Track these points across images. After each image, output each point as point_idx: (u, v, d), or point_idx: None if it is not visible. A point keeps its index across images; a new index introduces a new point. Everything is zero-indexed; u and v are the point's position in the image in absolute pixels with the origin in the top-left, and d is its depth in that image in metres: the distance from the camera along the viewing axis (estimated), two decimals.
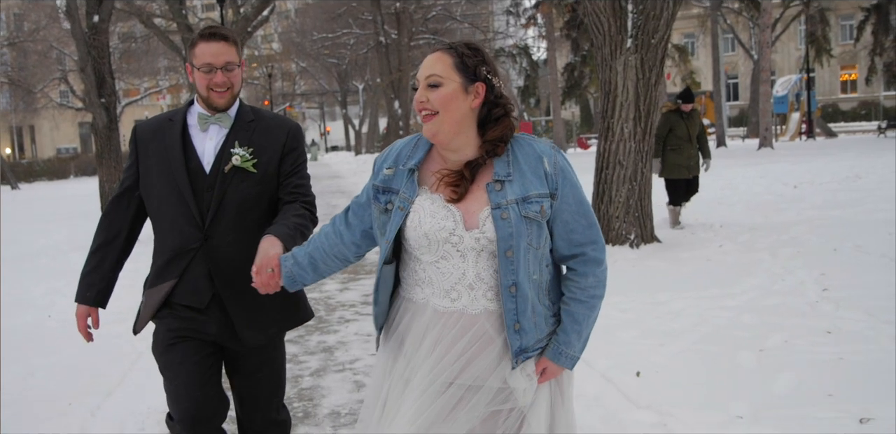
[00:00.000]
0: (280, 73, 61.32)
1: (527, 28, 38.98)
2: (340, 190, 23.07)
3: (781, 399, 4.24)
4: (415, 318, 2.34)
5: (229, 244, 2.90)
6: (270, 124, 3.04)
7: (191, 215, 2.89)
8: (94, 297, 3.01)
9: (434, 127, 2.26)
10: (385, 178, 2.36)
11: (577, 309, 2.35)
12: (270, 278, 2.47)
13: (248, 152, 2.91)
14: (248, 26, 26.05)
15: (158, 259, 3.00)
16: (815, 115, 36.59)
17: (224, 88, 2.91)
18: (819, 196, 12.88)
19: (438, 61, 2.27)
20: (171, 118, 3.02)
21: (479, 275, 2.28)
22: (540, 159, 2.30)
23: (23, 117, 53.61)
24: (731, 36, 39.89)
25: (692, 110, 10.53)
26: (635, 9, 8.41)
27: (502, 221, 2.23)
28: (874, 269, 7.15)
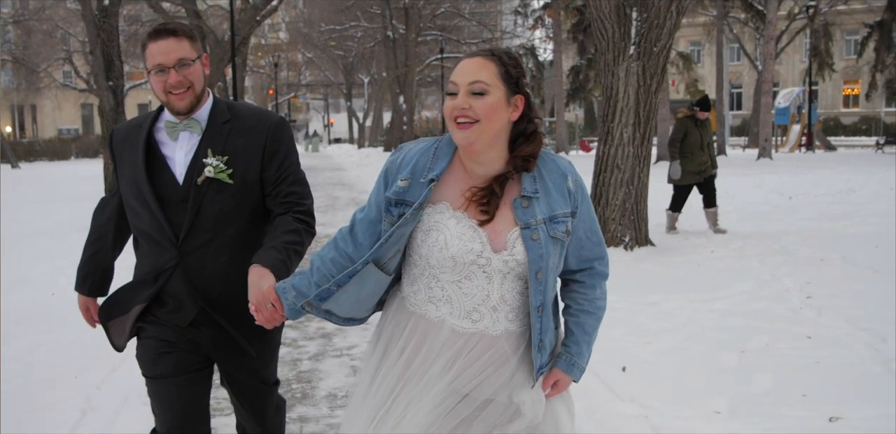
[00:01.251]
0: (286, 63, 61.44)
1: (534, 29, 39.14)
2: (342, 182, 23.29)
3: (758, 397, 4.46)
4: (428, 337, 2.24)
5: (208, 261, 2.69)
6: (247, 124, 2.74)
7: (163, 231, 2.67)
8: (89, 288, 2.92)
9: (472, 135, 2.14)
10: (399, 191, 2.22)
11: (586, 320, 2.34)
12: (273, 313, 2.36)
13: (223, 161, 2.65)
14: (257, 15, 26.25)
15: (137, 273, 2.82)
16: (816, 127, 36.82)
17: (182, 89, 2.63)
18: (812, 208, 13.09)
19: (483, 68, 2.16)
20: (139, 124, 2.78)
21: (503, 297, 2.21)
22: (564, 177, 2.25)
23: (25, 96, 53.72)
24: (737, 45, 40.07)
25: (706, 119, 10.64)
26: (639, 17, 8.62)
27: (533, 243, 2.16)
28: (858, 279, 7.37)
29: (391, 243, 2.22)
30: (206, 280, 2.69)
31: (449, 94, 2.19)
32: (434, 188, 2.20)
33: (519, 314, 2.24)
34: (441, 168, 2.22)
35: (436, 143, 2.28)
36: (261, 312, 2.37)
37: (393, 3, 38.16)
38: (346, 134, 72.11)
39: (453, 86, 2.17)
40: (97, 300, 2.94)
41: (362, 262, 2.23)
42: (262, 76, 61.32)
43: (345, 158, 38.80)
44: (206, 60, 2.71)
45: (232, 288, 2.65)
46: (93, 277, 2.92)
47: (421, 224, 2.21)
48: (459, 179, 2.23)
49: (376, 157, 34.55)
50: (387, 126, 48.09)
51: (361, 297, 2.30)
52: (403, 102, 38.71)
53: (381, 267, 2.25)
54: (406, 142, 2.44)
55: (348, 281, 2.25)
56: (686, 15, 32.76)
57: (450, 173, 2.24)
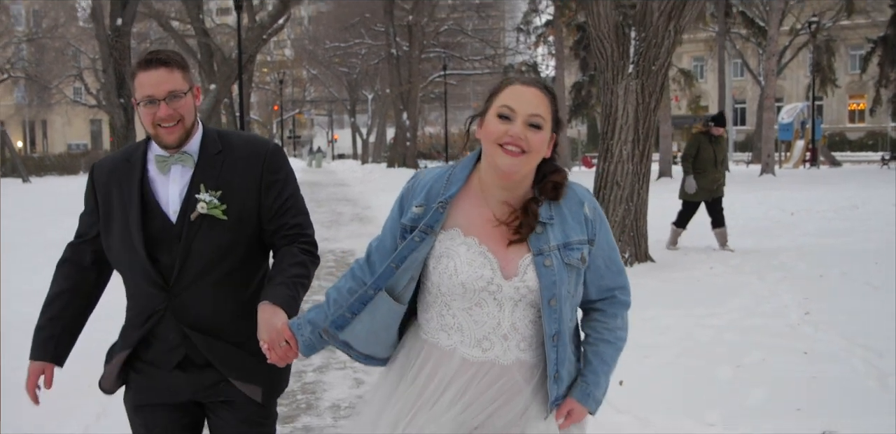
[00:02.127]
0: (291, 79, 61.86)
1: (536, 46, 39.40)
2: (346, 198, 23.40)
3: (752, 410, 4.55)
4: (440, 366, 2.21)
5: (199, 300, 2.54)
6: (241, 154, 2.60)
7: (150, 275, 2.51)
8: (52, 350, 2.62)
9: (519, 165, 2.13)
10: (414, 217, 2.22)
11: (606, 350, 2.29)
12: (287, 351, 2.31)
13: (216, 196, 2.51)
14: (264, 34, 26.53)
15: (127, 317, 2.66)
16: (820, 143, 36.92)
17: (172, 122, 2.50)
18: (813, 224, 13.17)
19: (542, 102, 2.16)
20: (128, 159, 2.62)
21: (514, 325, 2.18)
22: (581, 204, 2.24)
23: (36, 112, 54.23)
24: (740, 61, 40.26)
25: (720, 136, 10.54)
26: (638, 36, 8.78)
27: (545, 269, 2.14)
28: (856, 295, 7.45)
29: (403, 269, 2.20)
30: (194, 321, 2.53)
31: (501, 117, 2.14)
32: (447, 214, 2.20)
33: (532, 344, 2.20)
34: (452, 192, 2.20)
35: (450, 169, 2.27)
36: (274, 350, 2.30)
37: (397, 21, 38.46)
38: (349, 150, 72.39)
39: (510, 111, 2.13)
40: (54, 368, 2.66)
41: (374, 288, 2.21)
42: (266, 92, 61.73)
43: (348, 174, 38.98)
44: (198, 92, 2.60)
45: (223, 325, 2.54)
46: (55, 341, 2.63)
47: (434, 250, 2.20)
48: (473, 205, 2.22)
49: (380, 173, 34.71)
50: (390, 142, 48.32)
51: (375, 328, 2.26)
52: (407, 119, 38.91)
53: (394, 296, 2.22)
54: (420, 170, 2.43)
55: (362, 308, 2.22)
56: (688, 31, 32.99)
57: (463, 199, 2.22)
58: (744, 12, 31.82)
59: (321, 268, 10.26)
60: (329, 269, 10.29)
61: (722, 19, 30.24)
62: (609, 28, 8.76)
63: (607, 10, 8.76)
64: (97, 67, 40.25)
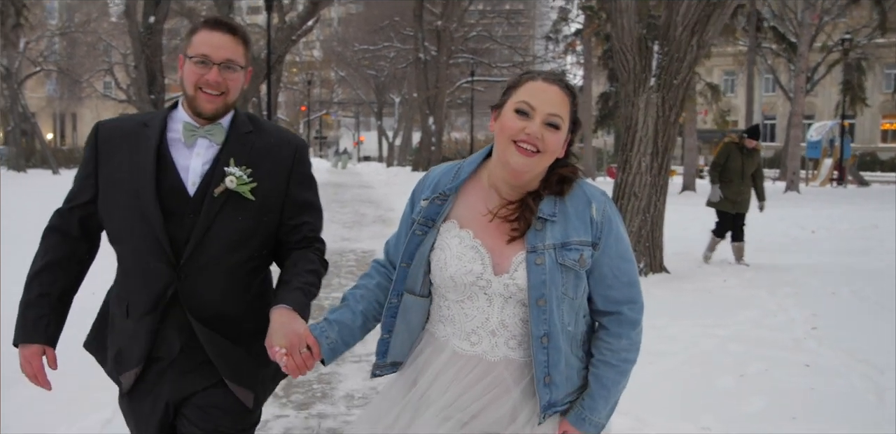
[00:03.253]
0: (319, 80, 62.34)
1: (565, 55, 39.53)
2: (370, 200, 23.67)
3: (749, 417, 4.68)
4: (434, 355, 2.20)
5: (207, 287, 2.35)
6: (273, 140, 2.46)
7: (160, 249, 2.30)
8: (44, 331, 2.38)
9: (532, 165, 2.08)
10: (421, 211, 2.20)
11: (605, 373, 2.17)
12: (307, 359, 2.13)
13: (247, 173, 2.35)
14: (293, 35, 26.82)
15: (118, 307, 2.42)
16: (849, 162, 36.70)
17: (217, 91, 2.34)
18: (832, 242, 13.20)
19: (562, 102, 2.10)
20: (146, 123, 2.41)
21: (503, 322, 2.13)
22: (588, 204, 2.14)
23: (67, 105, 55.02)
24: (772, 76, 40.11)
25: (754, 149, 10.43)
26: (661, 50, 8.92)
27: (536, 267, 2.07)
28: (865, 313, 7.54)
29: (415, 265, 2.18)
30: (203, 307, 2.35)
31: (518, 113, 2.08)
32: (453, 206, 2.17)
33: (522, 343, 2.14)
34: (455, 185, 2.17)
35: (458, 165, 2.24)
36: (293, 357, 2.10)
37: (426, 25, 38.73)
38: (375, 152, 72.80)
39: (528, 108, 2.07)
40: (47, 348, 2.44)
41: (396, 295, 2.20)
42: (294, 93, 62.24)
43: (373, 176, 39.26)
44: (249, 75, 2.45)
45: (224, 321, 2.38)
46: (47, 319, 2.40)
47: (435, 243, 2.17)
48: (478, 198, 2.17)
49: (404, 177, 34.94)
50: (416, 146, 48.59)
51: (410, 328, 2.23)
52: (433, 123, 39.15)
53: (417, 294, 2.20)
54: (435, 165, 2.37)
55: (394, 322, 2.21)
56: (718, 45, 32.83)
57: (470, 191, 2.19)
58: (775, 27, 31.77)
59: (341, 266, 10.52)
60: (349, 268, 10.49)
61: (753, 34, 30.22)
62: (632, 41, 8.91)
63: (631, 23, 8.92)
64: (128, 63, 40.96)
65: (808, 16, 26.67)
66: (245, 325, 2.40)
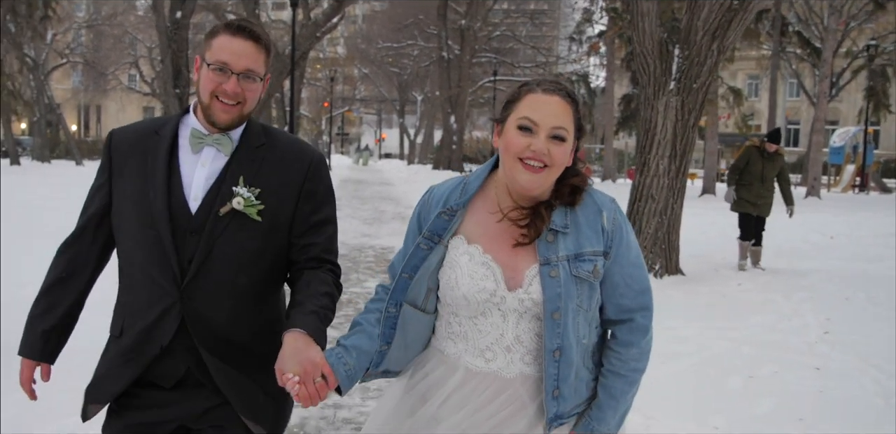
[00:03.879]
0: (342, 77, 62.60)
1: (588, 56, 39.56)
2: (390, 197, 23.86)
3: (757, 418, 4.76)
4: (446, 373, 2.14)
5: (213, 310, 2.23)
6: (286, 154, 2.32)
7: (167, 267, 2.20)
8: (42, 349, 2.33)
9: (541, 180, 2.04)
10: (429, 225, 2.15)
11: (615, 383, 2.13)
12: (321, 388, 2.00)
13: (255, 194, 2.22)
14: (318, 31, 27.01)
15: (120, 320, 2.31)
16: (871, 169, 36.49)
17: (234, 101, 2.22)
18: (850, 249, 13.20)
19: (565, 112, 2.05)
20: (157, 131, 2.31)
21: (518, 337, 2.08)
22: (599, 213, 2.11)
23: (92, 97, 55.61)
24: (796, 81, 39.91)
25: (776, 153, 10.39)
26: (681, 54, 9.00)
27: (550, 280, 2.03)
28: (878, 319, 7.58)
29: (417, 279, 2.13)
30: (207, 333, 2.23)
31: (521, 129, 2.03)
32: (461, 222, 2.12)
33: (537, 358, 2.09)
34: (463, 200, 2.13)
35: (464, 179, 2.20)
36: (306, 385, 1.98)
37: (450, 24, 38.86)
38: (396, 149, 73.04)
39: (531, 123, 2.02)
40: None
41: (394, 304, 2.15)
42: (317, 89, 62.50)
43: (394, 174, 39.45)
44: (267, 83, 2.34)
45: (232, 347, 2.25)
46: (47, 336, 2.34)
47: (444, 260, 2.13)
48: (487, 212, 2.13)
49: (425, 174, 35.10)
50: (437, 144, 48.74)
51: (408, 341, 2.18)
52: (454, 122, 39.28)
53: (417, 306, 2.16)
54: (432, 185, 2.29)
55: (393, 333, 2.15)
56: (742, 49, 32.69)
57: (478, 206, 2.14)
58: (800, 32, 31.65)
59: (360, 262, 10.64)
60: (368, 264, 10.61)
61: (777, 39, 30.12)
62: (653, 45, 8.99)
63: (652, 27, 9.00)
64: (153, 56, 41.41)
65: (834, 21, 26.55)
66: (257, 352, 2.26)
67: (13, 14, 32.93)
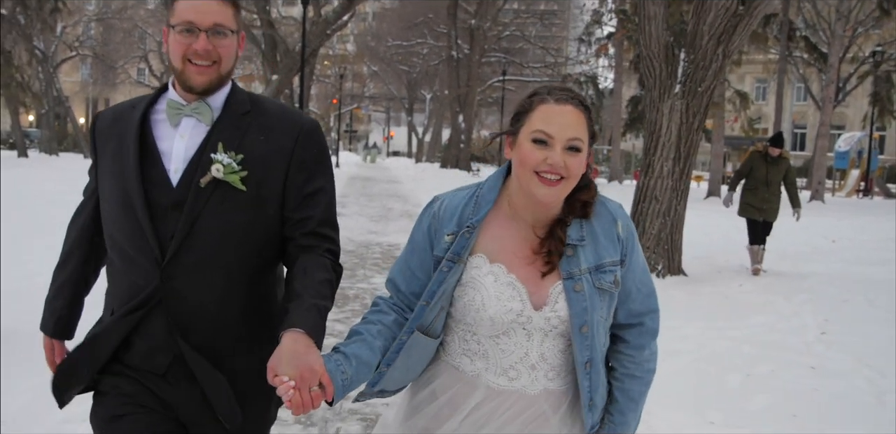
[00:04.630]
0: (351, 74, 62.81)
1: (597, 58, 39.68)
2: (397, 194, 24.02)
3: (752, 413, 4.91)
4: (464, 391, 2.08)
5: (196, 290, 2.08)
6: (274, 121, 2.16)
7: (146, 245, 2.06)
8: (54, 327, 2.28)
9: (558, 192, 1.98)
10: (446, 247, 2.06)
11: (632, 386, 2.14)
12: (316, 398, 1.85)
13: (236, 160, 2.07)
14: (328, 29, 27.16)
15: (109, 308, 2.20)
16: (875, 174, 36.57)
17: (207, 61, 2.08)
18: (852, 252, 13.33)
19: (579, 122, 1.99)
20: (133, 105, 2.19)
21: (543, 355, 2.05)
22: (614, 222, 2.08)
23: (100, 90, 55.87)
24: (803, 85, 39.98)
25: (780, 157, 10.39)
26: (687, 57, 9.14)
27: (575, 294, 2.00)
28: (876, 321, 7.72)
29: (433, 304, 2.05)
30: (190, 315, 2.09)
31: (536, 142, 1.97)
32: (476, 238, 2.05)
33: (561, 373, 2.08)
34: (480, 216, 2.05)
35: (476, 191, 2.12)
36: (302, 392, 1.83)
37: (460, 23, 39.03)
38: (404, 147, 73.25)
39: (546, 137, 1.96)
40: (64, 342, 2.33)
41: (407, 332, 2.06)
42: (326, 85, 62.71)
43: (402, 171, 39.60)
44: (243, 40, 2.19)
45: (220, 330, 2.12)
46: (59, 313, 2.29)
47: (462, 279, 2.05)
48: (503, 228, 2.07)
49: (432, 172, 35.29)
50: (445, 143, 48.93)
51: (410, 364, 2.11)
52: (463, 121, 39.43)
53: (427, 333, 2.07)
54: (437, 196, 2.20)
55: (396, 357, 2.06)
56: (750, 52, 32.73)
57: (492, 221, 2.07)
58: (807, 37, 31.75)
59: (367, 258, 10.79)
60: (375, 260, 10.76)
61: (784, 43, 30.21)
62: (659, 48, 9.14)
63: (659, 30, 9.14)
64: (162, 50, 41.58)
65: (840, 27, 26.64)
66: (245, 336, 2.14)
67: (23, 6, 33.02)
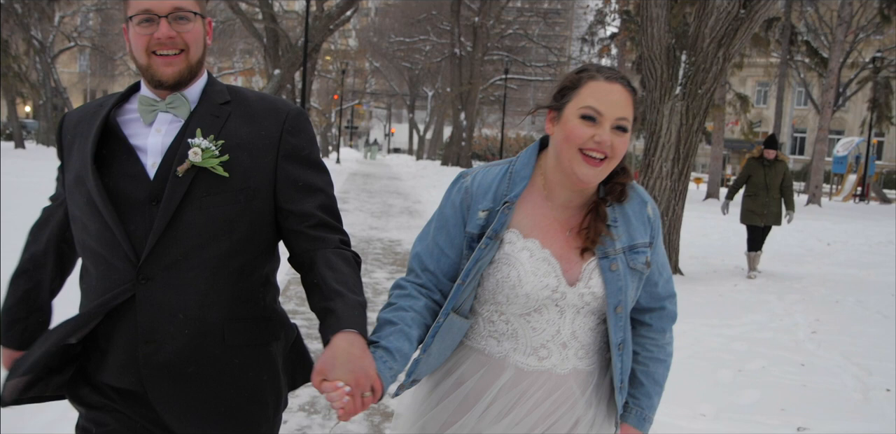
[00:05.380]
0: (353, 69, 62.88)
1: (600, 58, 39.82)
2: (398, 191, 24.18)
3: (742, 407, 5.08)
4: (491, 374, 2.05)
5: (178, 291, 1.89)
6: (257, 109, 2.00)
7: (117, 245, 1.88)
8: (19, 338, 2.10)
9: (600, 173, 1.96)
10: (482, 223, 2.01)
11: (656, 369, 2.16)
12: (367, 403, 1.75)
13: (217, 145, 1.89)
14: (331, 24, 27.27)
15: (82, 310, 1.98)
16: (872, 179, 36.77)
17: (174, 50, 1.91)
18: (845, 255, 13.50)
19: (628, 102, 1.96)
20: (101, 104, 2.03)
21: (574, 333, 2.03)
22: (644, 204, 2.09)
23: (99, 82, 55.87)
24: (804, 89, 40.17)
25: (776, 160, 10.43)
26: (688, 60, 9.29)
27: (611, 274, 1.99)
28: (866, 321, 7.89)
29: (468, 283, 2.01)
30: (167, 319, 1.90)
31: (585, 119, 1.93)
32: (511, 213, 2.01)
33: (589, 352, 2.08)
34: (517, 191, 2.02)
35: (509, 167, 2.08)
36: (356, 399, 1.72)
37: (463, 21, 39.15)
38: (405, 144, 73.40)
39: (595, 113, 1.93)
40: None
41: (444, 314, 2.01)
42: (328, 80, 62.75)
43: (402, 168, 39.74)
44: (210, 27, 2.03)
45: (199, 335, 1.92)
46: (24, 324, 2.10)
47: (496, 256, 2.01)
48: (536, 205, 2.04)
49: (433, 169, 35.42)
50: (446, 140, 49.07)
51: (443, 348, 2.06)
52: (464, 119, 39.57)
53: (461, 313, 2.03)
54: (465, 171, 2.13)
55: (432, 341, 2.01)
56: (752, 56, 32.83)
57: (525, 197, 2.04)
58: (808, 42, 31.91)
59: (368, 253, 10.95)
60: (376, 255, 10.92)
61: (785, 48, 30.35)
62: (661, 50, 9.30)
63: (661, 32, 9.30)
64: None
65: (841, 32, 26.78)
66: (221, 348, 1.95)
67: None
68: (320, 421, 4.58)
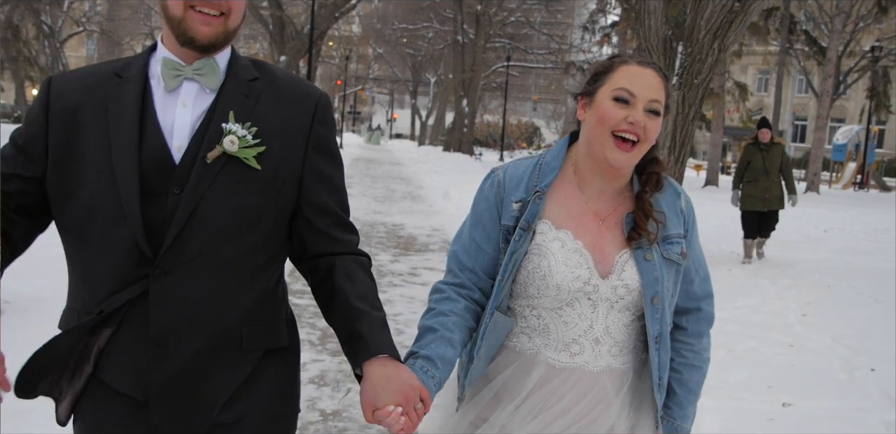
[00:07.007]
0: (356, 55, 62.88)
1: (601, 46, 39.89)
2: (400, 176, 24.43)
3: (730, 384, 5.33)
4: (519, 371, 1.99)
5: (194, 289, 1.72)
6: (287, 91, 1.84)
7: (132, 238, 1.68)
8: None
9: (632, 158, 1.94)
10: (515, 216, 1.98)
11: (692, 376, 2.07)
12: (420, 414, 1.74)
13: (252, 133, 1.74)
14: (336, 12, 27.43)
15: (70, 315, 1.78)
16: (872, 167, 36.93)
17: (216, 11, 1.72)
18: (842, 241, 13.71)
19: (660, 86, 1.95)
20: (118, 73, 1.78)
21: (607, 328, 1.97)
22: (677, 195, 2.05)
23: None
24: (804, 77, 40.26)
25: (773, 143, 10.46)
26: (684, 50, 9.48)
27: (646, 263, 1.94)
28: (856, 306, 8.13)
29: (507, 278, 1.96)
30: (180, 320, 1.72)
31: (617, 100, 1.92)
32: (543, 203, 1.98)
33: (623, 349, 2.00)
34: (548, 181, 1.99)
35: (539, 160, 2.05)
36: (409, 415, 1.70)
37: (466, 8, 39.21)
38: (407, 130, 73.46)
39: (628, 94, 1.92)
40: None
41: (489, 314, 1.97)
42: (331, 66, 62.82)
43: (404, 154, 39.94)
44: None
45: (212, 337, 1.76)
46: None
47: (530, 247, 1.97)
48: (568, 195, 2.01)
49: (435, 155, 35.61)
50: (448, 126, 49.23)
51: (489, 349, 2.01)
52: (466, 105, 39.73)
53: (502, 309, 1.99)
54: (496, 168, 2.10)
55: (482, 344, 1.98)
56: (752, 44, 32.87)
57: (557, 187, 2.01)
58: (807, 31, 32.00)
59: (372, 237, 11.20)
60: (380, 239, 11.18)
61: (784, 36, 30.45)
62: (658, 41, 9.50)
63: (658, 24, 9.50)
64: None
65: (840, 22, 26.90)
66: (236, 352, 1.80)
67: None
68: (329, 392, 4.83)
